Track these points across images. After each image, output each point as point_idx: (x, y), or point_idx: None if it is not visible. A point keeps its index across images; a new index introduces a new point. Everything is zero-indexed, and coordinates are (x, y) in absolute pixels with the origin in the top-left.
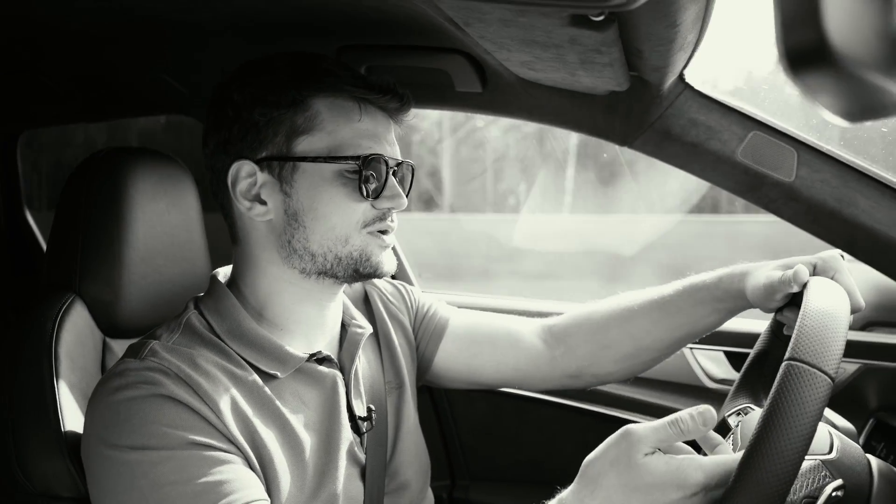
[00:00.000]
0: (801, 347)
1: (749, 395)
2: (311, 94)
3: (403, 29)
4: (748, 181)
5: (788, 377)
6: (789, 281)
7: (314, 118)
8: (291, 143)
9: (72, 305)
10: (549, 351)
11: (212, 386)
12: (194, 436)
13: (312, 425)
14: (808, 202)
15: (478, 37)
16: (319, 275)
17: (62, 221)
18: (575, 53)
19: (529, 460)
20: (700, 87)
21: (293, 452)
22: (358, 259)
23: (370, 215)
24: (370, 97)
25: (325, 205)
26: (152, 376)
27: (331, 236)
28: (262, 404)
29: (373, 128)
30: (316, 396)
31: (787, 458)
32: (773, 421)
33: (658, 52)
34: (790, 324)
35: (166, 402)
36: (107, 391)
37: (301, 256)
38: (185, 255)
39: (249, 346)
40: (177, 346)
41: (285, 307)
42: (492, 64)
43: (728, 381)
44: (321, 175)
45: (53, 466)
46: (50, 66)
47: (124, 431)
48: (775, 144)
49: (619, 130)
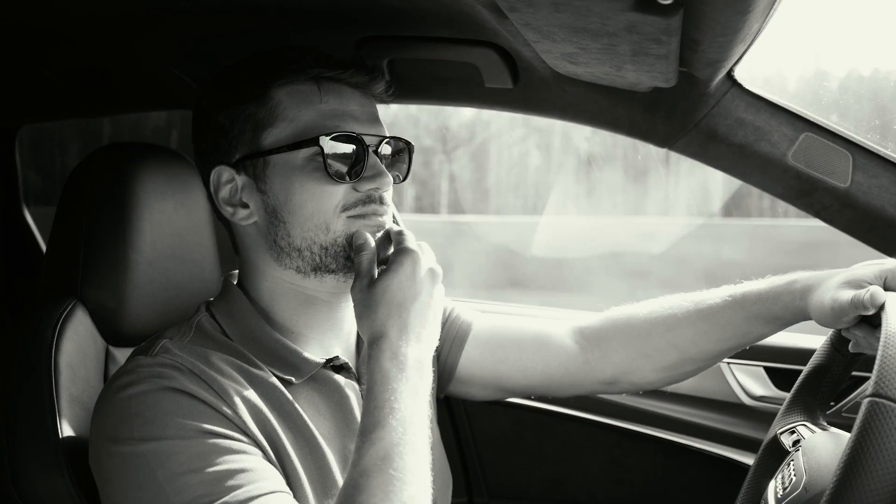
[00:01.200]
0: (887, 383)
1: (804, 412)
2: (268, 84)
3: (429, 19)
4: (800, 186)
5: (875, 416)
6: (863, 304)
7: (275, 108)
8: (259, 139)
9: (73, 312)
10: (581, 354)
11: (228, 382)
12: (210, 426)
13: (328, 436)
14: (864, 210)
15: (521, 24)
16: (315, 272)
17: (63, 221)
18: (629, 43)
19: (551, 478)
20: (749, 86)
21: (314, 458)
22: (345, 245)
23: (351, 198)
24: (331, 74)
25: (299, 194)
26: (165, 371)
27: (310, 226)
28: (282, 407)
29: (340, 106)
30: (330, 406)
31: (879, 496)
32: (859, 464)
33: (717, 44)
34: (859, 342)
35: (179, 394)
36: (116, 388)
37: (289, 254)
38: (194, 259)
39: (263, 350)
40: (190, 345)
41: (292, 311)
42: (525, 57)
43: (768, 398)
44: (291, 165)
45: (51, 484)
46: (51, 59)
47: (136, 424)
48: (829, 147)
49: (661, 131)
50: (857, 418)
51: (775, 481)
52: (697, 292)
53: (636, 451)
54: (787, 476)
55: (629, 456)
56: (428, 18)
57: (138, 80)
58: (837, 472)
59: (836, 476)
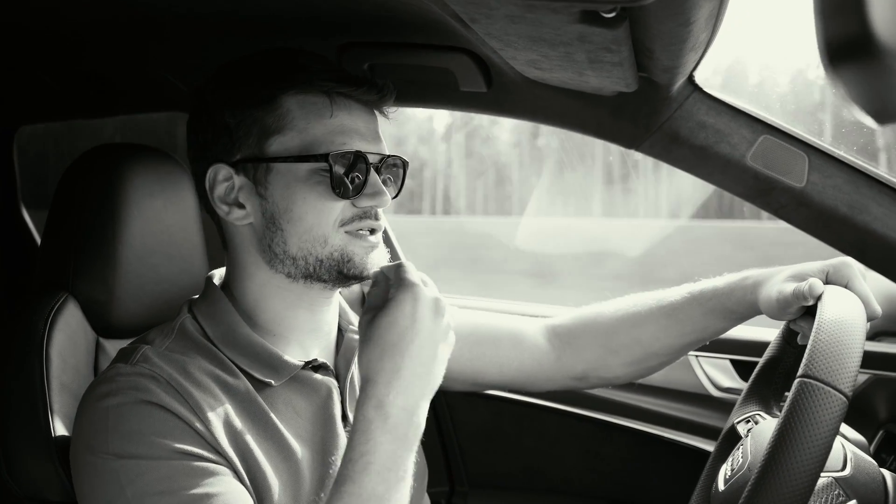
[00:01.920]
0: (816, 364)
1: (759, 402)
2: (280, 92)
3: (407, 26)
4: (758, 186)
5: (802, 395)
6: (803, 294)
7: (285, 117)
8: (264, 144)
9: (64, 304)
10: (553, 352)
11: (202, 396)
12: (182, 445)
13: (306, 435)
14: (819, 208)
15: (483, 34)
16: (306, 279)
17: (56, 218)
18: (583, 52)
19: (530, 467)
20: (709, 90)
21: (287, 464)
22: (340, 260)
23: (349, 214)
24: (343, 90)
25: (300, 206)
26: (142, 382)
27: (308, 238)
28: (255, 415)
29: (349, 123)
30: (310, 405)
31: (799, 480)
32: (785, 441)
33: (669, 52)
34: (805, 333)
35: (155, 409)
36: (95, 396)
37: (282, 261)
38: (182, 255)
39: (243, 352)
40: (169, 353)
41: (276, 312)
42: (497, 63)
43: (734, 389)
44: (294, 175)
45: (42, 469)
46: (48, 62)
47: (112, 438)
48: (786, 149)
49: (627, 133)
50: (788, 397)
51: (726, 465)
52: (660, 291)
53: (610, 440)
54: (736, 459)
55: (604, 445)
56: (406, 26)
57: (132, 84)
58: (769, 446)
59: (767, 449)
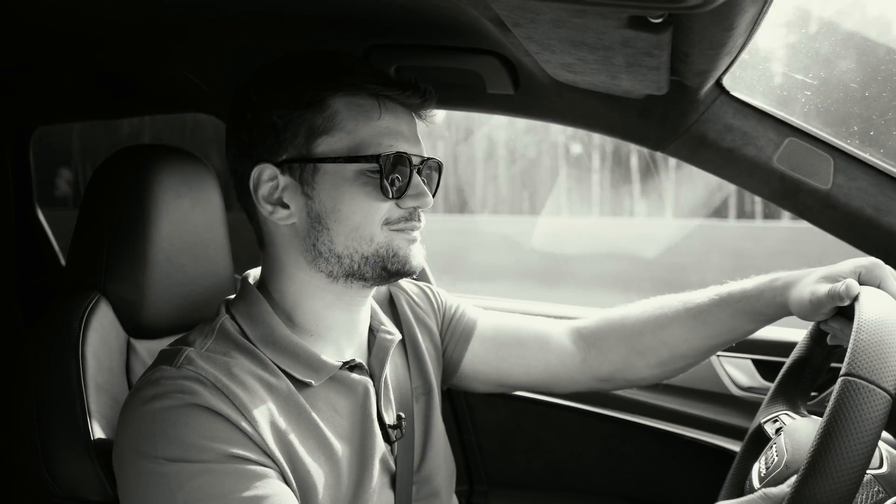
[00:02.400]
0: (859, 363)
1: (786, 402)
2: (329, 93)
3: (435, 28)
4: (784, 188)
5: (847, 393)
6: (839, 295)
7: (333, 118)
8: (311, 145)
9: (97, 305)
10: (579, 353)
11: (248, 396)
12: (232, 448)
13: (346, 435)
14: (844, 210)
15: (523, 38)
16: (347, 278)
17: (86, 218)
18: (623, 56)
19: (549, 467)
20: (736, 93)
21: (329, 463)
22: (385, 256)
23: (395, 214)
24: (390, 94)
25: (348, 205)
26: (189, 385)
27: (355, 236)
28: (298, 414)
29: (394, 125)
30: (348, 405)
31: (846, 477)
32: (831, 438)
33: (706, 56)
34: (836, 334)
35: (203, 412)
36: (141, 400)
37: (327, 259)
38: (209, 255)
39: (283, 353)
40: (211, 354)
41: (315, 312)
42: (526, 66)
43: (755, 389)
44: (342, 176)
45: (81, 469)
46: (67, 62)
47: (160, 443)
48: (811, 151)
49: (653, 135)
50: (832, 395)
51: (759, 463)
52: (686, 293)
53: (631, 440)
54: (770, 457)
55: (624, 445)
56: (434, 28)
57: (153, 84)
58: (814, 444)
59: (812, 447)
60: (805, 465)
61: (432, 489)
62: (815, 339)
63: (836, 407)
